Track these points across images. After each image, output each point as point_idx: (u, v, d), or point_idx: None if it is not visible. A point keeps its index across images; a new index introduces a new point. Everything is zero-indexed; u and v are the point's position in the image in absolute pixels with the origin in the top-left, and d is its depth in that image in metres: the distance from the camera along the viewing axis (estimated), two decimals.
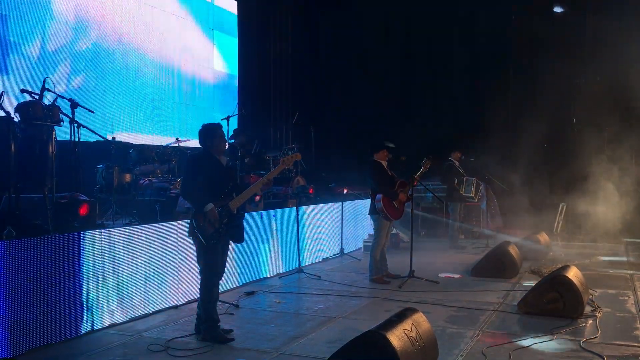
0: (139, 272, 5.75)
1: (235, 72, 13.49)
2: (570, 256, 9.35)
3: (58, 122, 5.83)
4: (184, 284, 6.29)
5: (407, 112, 13.04)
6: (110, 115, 9.73)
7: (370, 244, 7.73)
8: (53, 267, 4.83)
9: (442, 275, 7.86)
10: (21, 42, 8.27)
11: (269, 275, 7.84)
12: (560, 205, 12.34)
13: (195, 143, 5.80)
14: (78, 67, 9.24)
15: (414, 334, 3.90)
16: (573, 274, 5.79)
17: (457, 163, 10.54)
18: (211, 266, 5.03)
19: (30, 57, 8.39)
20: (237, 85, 13.51)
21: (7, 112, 5.44)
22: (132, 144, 9.05)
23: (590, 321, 5.47)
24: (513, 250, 7.78)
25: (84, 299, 5.13)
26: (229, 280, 6.96)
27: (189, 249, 6.05)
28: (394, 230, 10.11)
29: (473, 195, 10.74)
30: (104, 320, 5.35)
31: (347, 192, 11.11)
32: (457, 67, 13.05)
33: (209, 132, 5.14)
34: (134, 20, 10.38)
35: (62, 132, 6.23)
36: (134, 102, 10.31)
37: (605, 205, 11.74)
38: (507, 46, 12.75)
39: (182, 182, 5.50)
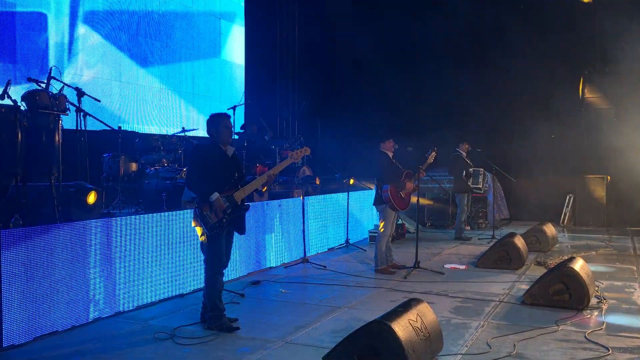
0: (145, 260, 5.77)
1: (242, 62, 13.46)
2: (577, 247, 9.31)
3: (64, 110, 5.84)
4: (190, 273, 6.31)
5: (415, 103, 12.97)
6: (116, 105, 9.74)
7: (376, 234, 7.72)
8: (60, 255, 4.86)
9: (447, 266, 7.86)
10: (29, 32, 8.27)
11: (274, 265, 7.86)
12: (568, 196, 12.30)
13: (200, 133, 5.81)
14: (85, 57, 9.24)
15: (418, 324, 3.90)
16: (579, 265, 5.76)
17: (464, 154, 10.48)
18: (215, 255, 5.04)
19: (38, 46, 8.40)
20: (243, 75, 13.49)
21: (14, 101, 5.45)
22: (138, 133, 9.08)
23: (596, 313, 5.46)
24: (519, 242, 7.75)
25: (90, 287, 5.16)
26: (235, 269, 6.98)
27: (195, 237, 6.07)
28: (400, 221, 10.11)
29: (480, 186, 10.70)
30: (111, 308, 5.38)
31: (352, 183, 11.08)
32: (464, 57, 12.96)
33: (216, 121, 5.13)
34: (140, 10, 10.36)
35: (68, 121, 6.24)
36: (140, 92, 10.30)
37: (612, 196, 11.71)
38: (511, 32, 12.64)
39: (187, 172, 5.51)
